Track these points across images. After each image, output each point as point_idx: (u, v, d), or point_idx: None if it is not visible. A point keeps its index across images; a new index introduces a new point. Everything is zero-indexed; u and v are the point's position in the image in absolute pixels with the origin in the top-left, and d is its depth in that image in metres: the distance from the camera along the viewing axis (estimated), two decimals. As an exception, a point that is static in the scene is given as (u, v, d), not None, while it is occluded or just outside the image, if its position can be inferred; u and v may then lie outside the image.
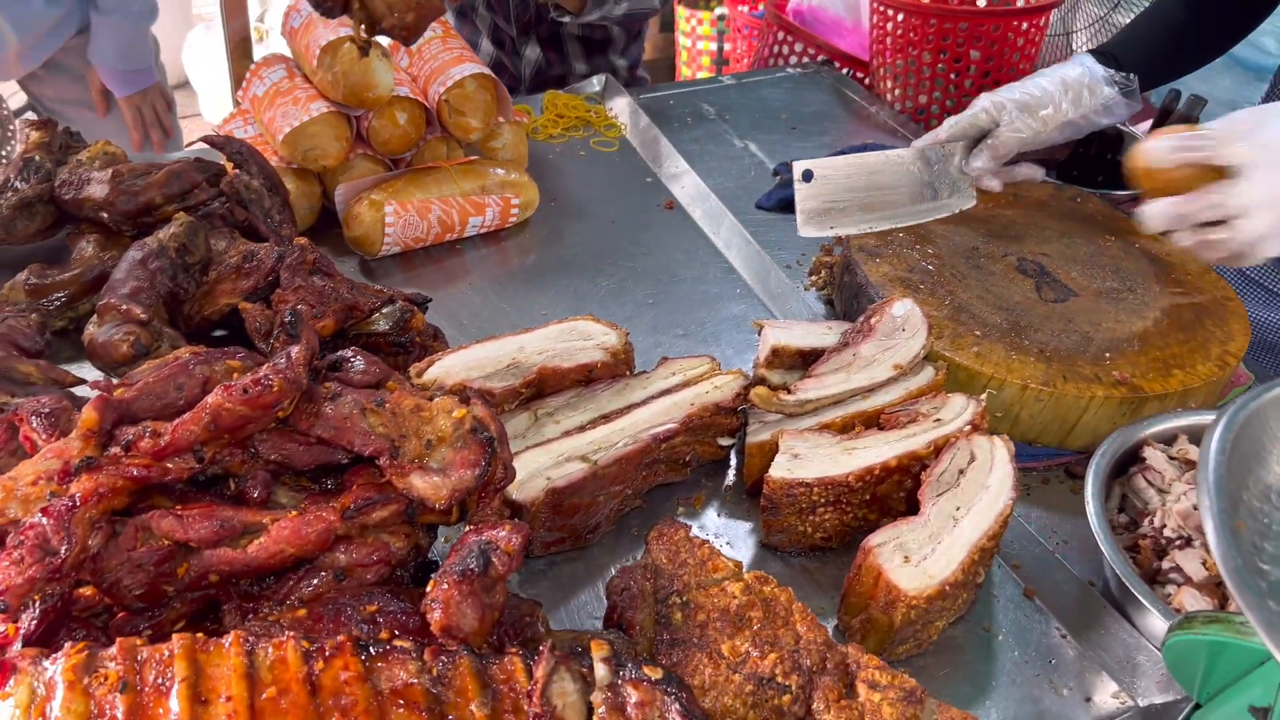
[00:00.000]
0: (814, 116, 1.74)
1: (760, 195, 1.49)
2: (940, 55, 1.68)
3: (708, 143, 1.63)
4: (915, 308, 1.07)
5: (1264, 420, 0.58)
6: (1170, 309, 1.17)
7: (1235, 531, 0.53)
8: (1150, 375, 1.06)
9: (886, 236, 1.26)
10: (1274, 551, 0.55)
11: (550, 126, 1.60)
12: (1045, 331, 1.11)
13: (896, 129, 1.70)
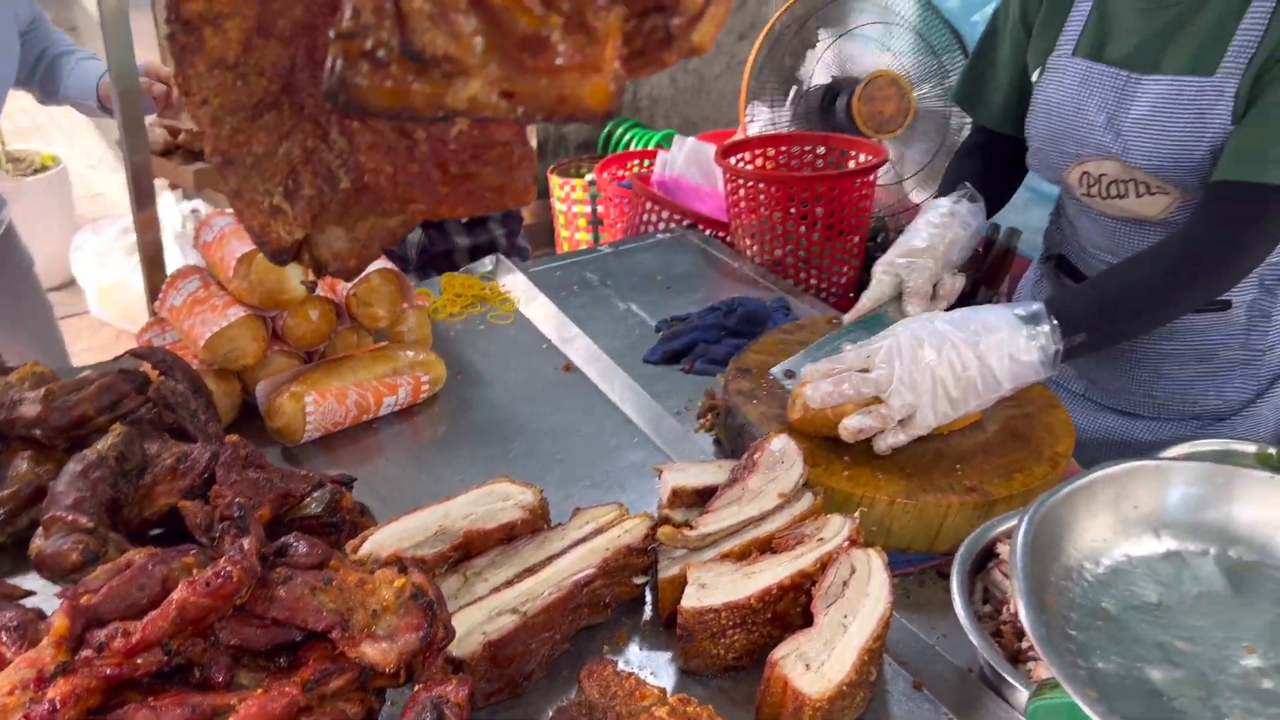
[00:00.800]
0: (685, 275, 1.93)
1: (646, 350, 1.65)
2: (789, 213, 1.90)
3: (594, 308, 1.80)
4: (791, 442, 1.22)
5: (1057, 516, 0.74)
6: (1006, 421, 1.35)
7: (1044, 606, 0.67)
8: (995, 481, 1.23)
9: (759, 380, 1.42)
10: (1079, 619, 0.69)
11: (449, 306, 1.75)
12: (904, 453, 1.28)
13: (758, 280, 1.90)
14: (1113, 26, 1.42)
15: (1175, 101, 1.34)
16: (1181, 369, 1.55)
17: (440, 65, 0.42)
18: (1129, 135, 1.38)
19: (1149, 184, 1.40)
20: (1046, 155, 1.51)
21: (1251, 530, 0.78)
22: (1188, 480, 0.79)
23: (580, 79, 0.43)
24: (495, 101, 0.43)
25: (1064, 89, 1.45)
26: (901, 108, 2.25)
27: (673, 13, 0.45)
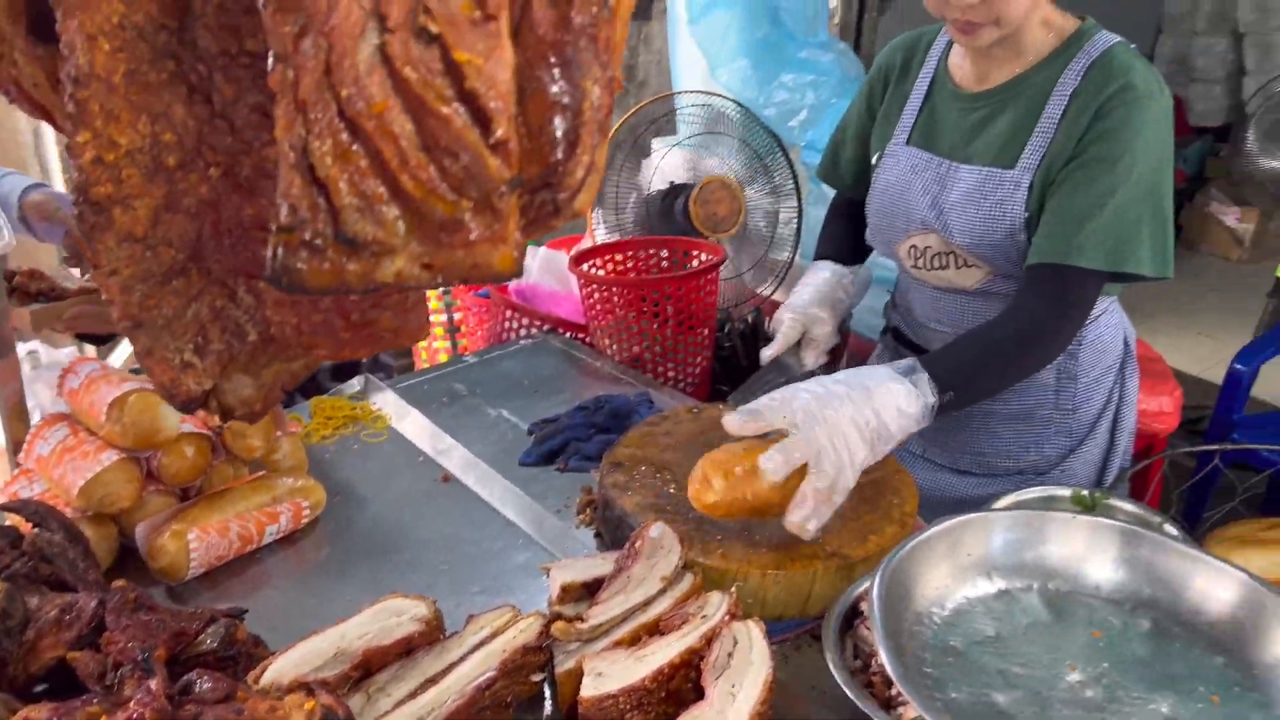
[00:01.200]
0: (551, 378, 2.02)
1: (521, 454, 1.73)
2: (642, 313, 2.03)
3: (465, 417, 1.87)
4: (667, 528, 1.31)
5: (904, 570, 0.85)
6: (858, 488, 1.48)
7: (902, 650, 0.78)
8: (853, 544, 1.35)
9: (632, 471, 1.52)
10: (932, 658, 0.80)
11: (322, 429, 1.78)
12: (769, 526, 1.39)
13: (620, 377, 2.01)
14: (937, 121, 1.64)
15: (983, 188, 1.54)
16: (1004, 429, 1.73)
17: (369, 248, 0.51)
18: (948, 214, 1.58)
19: (965, 258, 1.60)
20: (882, 230, 1.72)
21: (1063, 564, 0.92)
22: (1007, 527, 0.92)
23: (490, 249, 0.52)
24: (418, 273, 0.52)
25: (897, 172, 1.67)
26: (734, 208, 2.44)
27: (558, 189, 0.55)
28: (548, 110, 0.55)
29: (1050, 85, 1.50)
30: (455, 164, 0.51)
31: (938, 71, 1.67)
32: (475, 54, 0.50)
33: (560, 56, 0.55)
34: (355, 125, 0.50)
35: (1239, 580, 0.88)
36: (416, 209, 0.51)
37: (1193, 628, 0.88)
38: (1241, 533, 1.60)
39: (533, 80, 0.55)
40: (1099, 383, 1.73)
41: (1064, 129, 1.48)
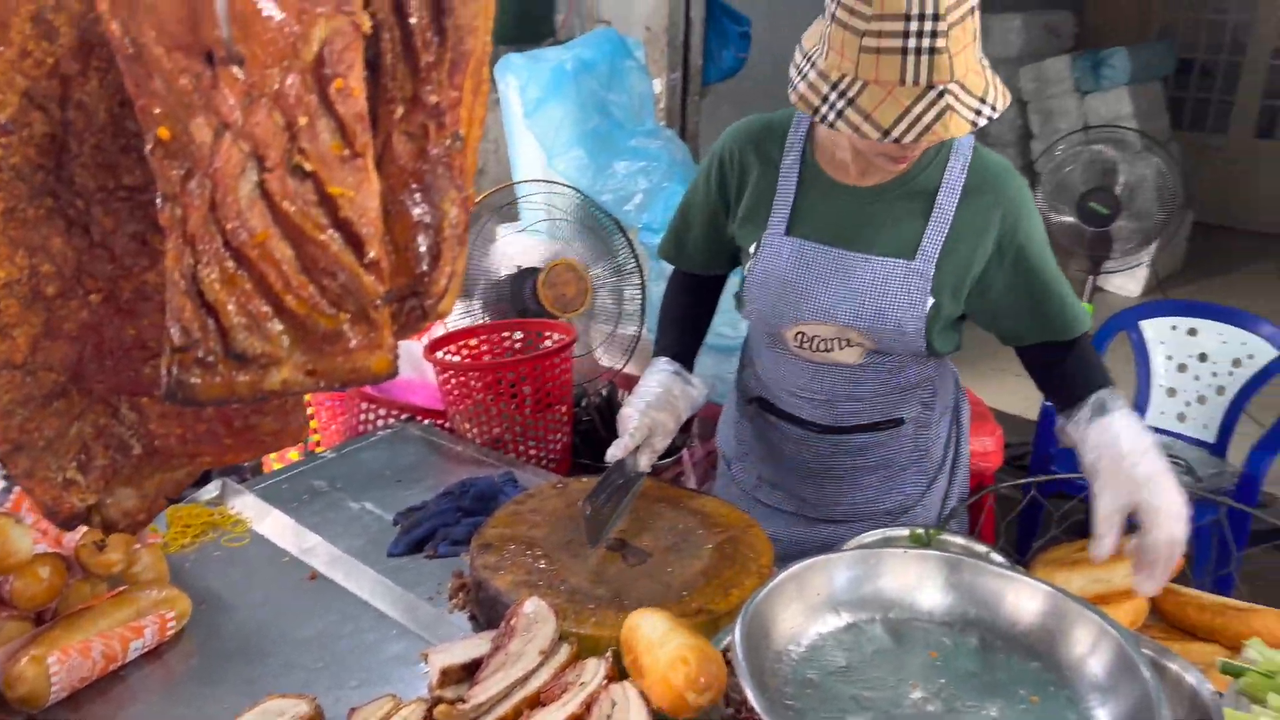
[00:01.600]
0: (413, 466, 2.05)
1: (389, 544, 1.74)
2: (499, 395, 2.09)
3: (329, 512, 1.87)
4: (540, 602, 1.36)
5: (761, 614, 0.94)
6: (717, 546, 1.57)
7: (766, 687, 0.86)
8: (717, 599, 1.43)
9: (502, 550, 1.56)
10: (793, 691, 0.88)
11: (180, 538, 1.75)
12: (639, 589, 1.46)
13: (483, 459, 2.06)
14: (821, 213, 1.68)
15: (886, 278, 1.63)
16: (869, 477, 1.87)
17: (258, 360, 0.56)
18: (849, 303, 1.65)
19: (855, 340, 1.69)
20: (766, 316, 1.74)
21: (899, 595, 1.02)
22: (848, 566, 1.02)
23: (368, 355, 0.58)
24: (302, 380, 0.58)
25: (783, 262, 1.69)
26: (581, 288, 2.54)
27: (425, 296, 0.63)
28: (412, 230, 0.62)
29: (935, 182, 1.62)
30: (334, 282, 0.57)
31: (805, 160, 1.70)
32: (346, 187, 0.57)
33: (420, 183, 0.62)
34: (240, 254, 0.56)
35: (1044, 592, 1.01)
36: (300, 323, 0.57)
37: (1011, 639, 1.00)
38: (1060, 555, 1.76)
39: (397, 204, 0.62)
40: (941, 424, 1.89)
41: (966, 224, 1.61)
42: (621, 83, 2.73)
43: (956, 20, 1.32)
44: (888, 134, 1.36)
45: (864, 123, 1.37)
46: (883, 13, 1.32)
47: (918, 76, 1.33)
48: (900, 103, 1.35)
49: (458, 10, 0.61)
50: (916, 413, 1.83)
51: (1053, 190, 3.83)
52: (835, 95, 1.40)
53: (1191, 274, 7.27)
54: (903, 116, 1.35)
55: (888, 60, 1.34)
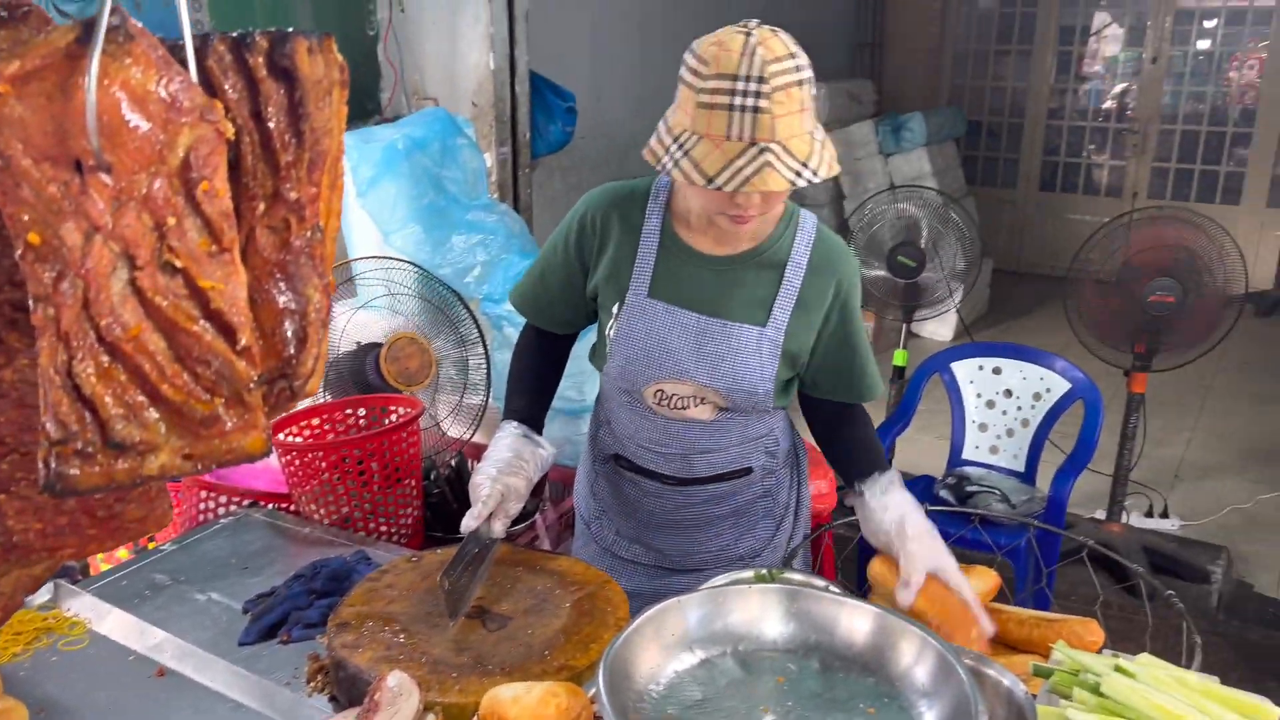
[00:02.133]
0: (260, 552, 2.01)
1: (240, 634, 1.71)
2: (346, 473, 2.08)
3: (174, 606, 1.81)
4: (403, 675, 1.38)
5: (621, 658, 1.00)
6: (575, 603, 1.62)
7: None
8: (578, 655, 1.48)
9: (360, 628, 1.56)
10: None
11: (12, 645, 1.66)
12: (501, 653, 1.49)
13: (333, 539, 2.04)
14: (681, 278, 1.80)
15: (741, 342, 1.77)
16: (723, 525, 1.97)
17: (136, 448, 0.59)
18: (706, 365, 1.78)
19: (710, 398, 1.82)
20: (628, 374, 1.82)
21: (746, 629, 1.10)
22: (698, 605, 1.10)
23: (243, 436, 0.62)
24: (180, 464, 0.61)
25: (649, 324, 1.79)
26: (425, 361, 2.56)
27: (294, 378, 0.67)
28: (279, 316, 0.67)
29: (785, 255, 1.79)
30: (208, 370, 0.61)
31: (664, 229, 1.80)
32: (216, 280, 0.61)
33: (284, 273, 0.67)
34: (114, 348, 0.59)
35: (872, 613, 1.12)
36: (176, 410, 0.60)
37: (848, 658, 1.10)
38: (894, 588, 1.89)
39: (263, 293, 0.67)
40: (784, 469, 2.02)
41: (805, 294, 1.79)
42: (454, 159, 2.80)
43: (780, 86, 1.48)
44: (711, 181, 1.50)
45: (693, 170, 1.51)
46: (717, 72, 1.48)
47: (741, 132, 1.47)
48: (726, 155, 1.49)
49: (313, 115, 0.67)
50: (763, 461, 1.96)
51: (865, 246, 4.11)
52: (675, 147, 1.55)
53: (994, 316, 7.87)
54: (726, 167, 1.49)
55: (718, 115, 1.48)
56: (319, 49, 0.67)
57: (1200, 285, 3.64)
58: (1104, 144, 9.21)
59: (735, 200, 1.58)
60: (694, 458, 1.89)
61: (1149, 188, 8.93)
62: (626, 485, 1.99)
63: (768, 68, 1.46)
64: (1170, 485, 4.97)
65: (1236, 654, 3.54)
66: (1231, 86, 8.55)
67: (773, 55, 1.48)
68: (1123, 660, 1.23)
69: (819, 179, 1.54)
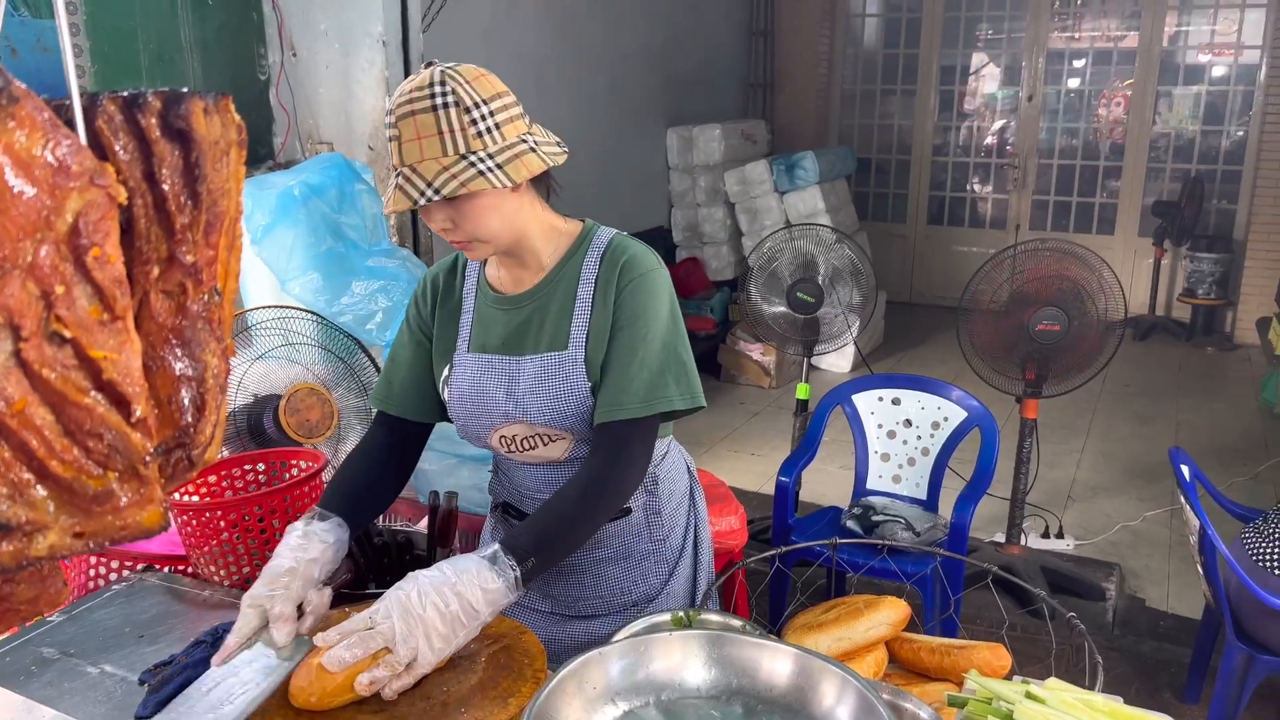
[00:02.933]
0: (157, 619, 1.91)
1: (136, 707, 1.62)
2: (246, 531, 2.01)
3: (63, 681, 1.71)
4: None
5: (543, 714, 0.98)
6: (490, 657, 1.59)
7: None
8: (495, 711, 1.45)
9: (265, 696, 1.50)
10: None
11: (-120, 736, 1.54)
12: (416, 712, 1.44)
13: (235, 602, 1.96)
14: (488, 326, 1.85)
15: (547, 372, 1.79)
16: (611, 570, 1.95)
17: (22, 529, 0.56)
18: (525, 402, 1.79)
19: (549, 435, 1.82)
20: (470, 428, 1.88)
21: (669, 676, 1.10)
22: (620, 655, 1.09)
23: (139, 510, 0.59)
24: (70, 543, 0.58)
25: (469, 378, 1.84)
26: (326, 411, 2.50)
27: (191, 447, 0.64)
28: (175, 384, 0.64)
29: (576, 276, 1.81)
30: (100, 444, 0.58)
31: (479, 284, 1.89)
32: (108, 350, 0.58)
33: (180, 338, 0.64)
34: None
35: (792, 654, 1.12)
36: (66, 487, 0.57)
37: (770, 700, 1.10)
38: (807, 620, 1.91)
39: (158, 360, 0.64)
40: (678, 512, 2.01)
41: (597, 310, 1.79)
42: (352, 205, 2.75)
43: (402, 115, 1.59)
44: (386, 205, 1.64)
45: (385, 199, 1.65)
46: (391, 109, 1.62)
47: (391, 160, 1.63)
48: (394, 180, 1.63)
49: (209, 176, 0.65)
50: (643, 500, 1.95)
51: (765, 283, 4.18)
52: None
53: (890, 346, 8.10)
54: (389, 190, 1.63)
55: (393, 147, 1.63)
56: (215, 109, 0.66)
57: (1083, 313, 3.81)
58: (987, 178, 9.62)
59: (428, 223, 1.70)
60: None
61: (1030, 219, 9.35)
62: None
63: (400, 98, 1.60)
64: (1064, 505, 5.15)
65: (1132, 667, 3.68)
66: (1101, 122, 9.04)
67: (411, 85, 1.60)
68: (1033, 687, 1.26)
69: (440, 196, 1.59)
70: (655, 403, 1.73)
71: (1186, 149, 8.74)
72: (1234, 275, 8.30)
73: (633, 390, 1.73)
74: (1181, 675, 3.55)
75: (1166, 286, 8.72)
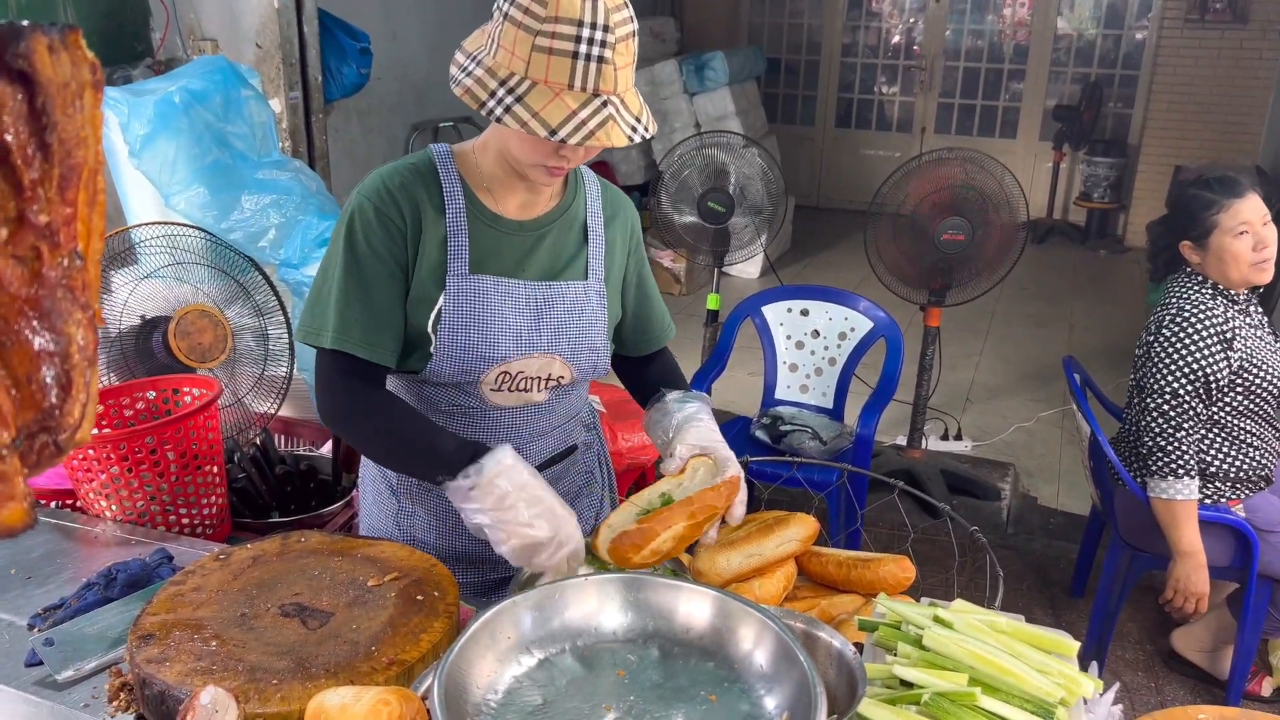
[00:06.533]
0: (44, 559, 1.82)
1: (26, 654, 1.55)
2: (138, 464, 1.91)
3: (-57, 630, 1.63)
4: (218, 690, 1.28)
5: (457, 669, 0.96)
6: (400, 592, 1.56)
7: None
8: (408, 648, 1.42)
9: (165, 639, 1.45)
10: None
11: None
12: (325, 653, 1.41)
13: (129, 538, 1.88)
14: (494, 249, 1.65)
15: (575, 302, 1.71)
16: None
17: None
18: (548, 332, 1.69)
19: (554, 370, 1.72)
20: (464, 364, 1.64)
21: (584, 622, 1.08)
22: (534, 605, 1.06)
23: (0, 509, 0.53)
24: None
25: (476, 303, 1.62)
26: (219, 334, 2.38)
27: (58, 430, 0.58)
28: (35, 361, 0.57)
29: (581, 209, 1.76)
30: (-53, 438, 0.52)
31: (468, 204, 1.65)
32: (-50, 330, 0.51)
33: (38, 309, 0.57)
34: None
35: (710, 596, 1.11)
36: (-89, 489, 0.51)
37: (687, 644, 1.09)
38: (721, 538, 1.93)
39: (13, 335, 0.57)
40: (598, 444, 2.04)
41: (612, 245, 1.79)
42: (239, 113, 2.58)
43: (622, 37, 1.41)
44: (554, 133, 1.39)
45: (531, 119, 1.40)
46: (557, 15, 1.37)
47: (585, 83, 1.39)
48: (568, 105, 1.40)
49: (60, 123, 0.57)
50: (583, 436, 1.94)
51: (675, 192, 4.12)
52: (503, 91, 1.42)
53: (798, 253, 8.15)
54: (570, 119, 1.39)
55: (558, 62, 1.38)
56: (62, 45, 0.57)
57: (987, 223, 3.86)
58: (894, 80, 9.62)
59: (561, 152, 1.50)
60: (528, 445, 1.79)
61: (935, 122, 9.41)
62: (444, 502, 1.77)
63: (611, 16, 1.38)
64: (962, 408, 5.32)
65: (1024, 564, 3.86)
66: (1006, 23, 9.07)
67: (614, 3, 1.40)
68: (940, 610, 1.29)
69: (649, 135, 1.50)
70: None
71: (1087, 52, 8.86)
72: (1127, 179, 8.55)
73: (668, 314, 1.95)
74: (1069, 571, 3.75)
75: (1064, 190, 8.94)
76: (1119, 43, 8.75)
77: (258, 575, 1.61)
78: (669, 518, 1.50)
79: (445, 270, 1.63)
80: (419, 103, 5.93)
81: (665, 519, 1.50)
